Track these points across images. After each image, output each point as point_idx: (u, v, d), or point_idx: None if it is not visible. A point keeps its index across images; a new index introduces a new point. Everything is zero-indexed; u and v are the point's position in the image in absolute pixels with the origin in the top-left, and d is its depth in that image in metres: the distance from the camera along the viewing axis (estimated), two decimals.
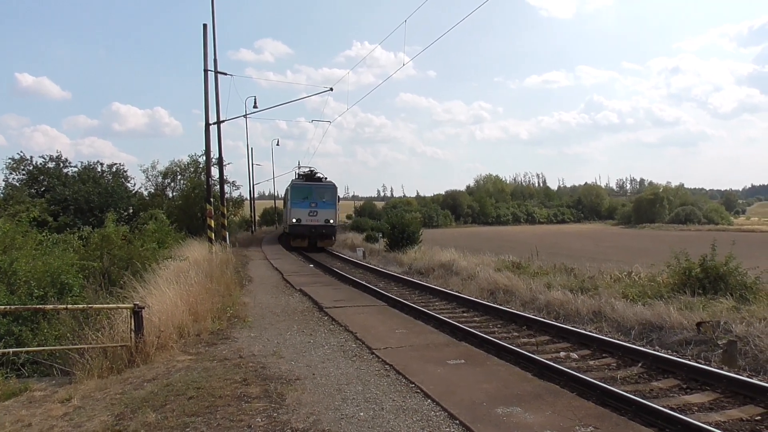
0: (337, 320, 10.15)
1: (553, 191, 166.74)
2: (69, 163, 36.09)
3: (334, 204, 34.18)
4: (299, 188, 34.22)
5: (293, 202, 33.74)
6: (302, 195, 33.68)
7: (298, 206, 33.38)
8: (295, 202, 33.59)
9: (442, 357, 7.41)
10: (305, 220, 33.22)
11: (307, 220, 33.18)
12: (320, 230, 33.46)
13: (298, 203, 33.49)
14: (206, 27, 23.22)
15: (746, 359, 8.86)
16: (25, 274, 12.46)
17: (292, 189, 34.54)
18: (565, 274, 17.74)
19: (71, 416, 6.15)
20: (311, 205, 33.22)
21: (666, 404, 6.62)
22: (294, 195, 33.89)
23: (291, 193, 34.43)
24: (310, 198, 33.42)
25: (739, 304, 11.26)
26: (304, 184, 34.57)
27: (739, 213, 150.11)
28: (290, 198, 34.39)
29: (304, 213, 33.26)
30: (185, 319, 9.42)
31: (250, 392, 6.14)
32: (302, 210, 33.28)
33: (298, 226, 33.35)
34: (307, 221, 33.18)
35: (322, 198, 33.58)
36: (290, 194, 34.56)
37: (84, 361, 8.00)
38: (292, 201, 33.94)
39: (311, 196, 33.51)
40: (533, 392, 5.90)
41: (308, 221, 33.17)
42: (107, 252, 16.82)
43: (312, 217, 33.21)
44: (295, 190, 34.21)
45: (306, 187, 34.08)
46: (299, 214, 33.31)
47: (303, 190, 34.00)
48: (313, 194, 33.54)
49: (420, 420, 5.21)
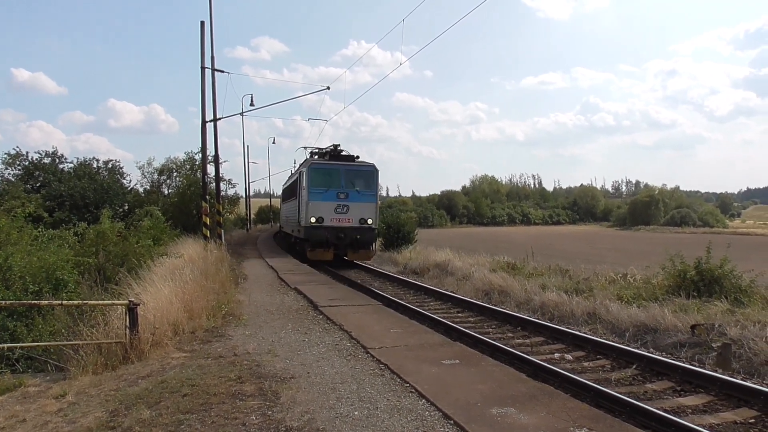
0: (332, 319, 10.15)
1: (548, 192, 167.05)
2: (65, 159, 36.12)
3: (374, 195, 23.66)
4: (321, 171, 23.21)
5: (312, 192, 22.76)
6: (326, 182, 22.94)
7: (320, 198, 22.69)
8: (315, 192, 22.74)
9: (437, 357, 7.41)
10: (330, 219, 22.64)
11: (333, 220, 22.67)
12: (353, 235, 22.67)
13: (318, 194, 22.75)
14: (204, 24, 23.17)
15: (740, 362, 8.90)
16: (20, 269, 12.42)
17: (309, 173, 23.02)
18: (560, 275, 17.78)
19: (65, 412, 6.14)
20: (339, 196, 22.72)
21: (660, 406, 6.64)
22: (312, 182, 22.81)
23: (307, 178, 22.95)
24: (339, 186, 22.86)
25: (734, 307, 11.31)
26: (329, 165, 23.48)
27: (734, 216, 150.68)
28: (306, 186, 22.97)
29: (329, 209, 22.70)
30: (180, 317, 9.40)
31: (245, 390, 6.13)
32: (325, 204, 22.66)
33: (318, 229, 22.46)
34: (334, 221, 22.66)
35: (355, 186, 22.98)
36: (305, 181, 23.09)
37: (79, 357, 7.98)
38: (309, 191, 22.79)
39: (340, 183, 22.87)
40: (528, 393, 5.91)
41: (335, 221, 22.68)
42: (102, 248, 16.77)
43: (341, 214, 22.78)
44: (314, 173, 23.02)
45: (332, 170, 23.16)
46: (320, 211, 22.64)
47: (327, 174, 23.13)
48: (343, 180, 22.87)
49: (414, 420, 5.21)
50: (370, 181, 23.53)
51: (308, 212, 22.60)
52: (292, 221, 28.25)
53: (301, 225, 23.55)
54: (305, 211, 22.80)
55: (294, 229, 26.91)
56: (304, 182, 23.25)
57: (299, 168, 26.37)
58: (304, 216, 22.88)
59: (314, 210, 22.59)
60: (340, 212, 22.67)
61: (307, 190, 22.76)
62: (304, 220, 22.89)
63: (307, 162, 24.41)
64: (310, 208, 22.59)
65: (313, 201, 22.60)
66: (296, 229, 25.75)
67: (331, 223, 22.57)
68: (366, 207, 23.03)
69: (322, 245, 22.54)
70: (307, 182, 22.82)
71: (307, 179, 22.85)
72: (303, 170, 23.82)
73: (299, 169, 25.77)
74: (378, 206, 23.78)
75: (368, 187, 23.45)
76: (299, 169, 25.77)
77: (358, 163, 23.89)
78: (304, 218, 23.01)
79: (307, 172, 23.05)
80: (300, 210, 24.05)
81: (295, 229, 26.11)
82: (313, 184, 22.74)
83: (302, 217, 23.40)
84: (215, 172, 25.79)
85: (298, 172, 25.63)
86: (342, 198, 22.68)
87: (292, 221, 27.73)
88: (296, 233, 25.92)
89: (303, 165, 25.31)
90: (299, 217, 24.22)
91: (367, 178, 23.59)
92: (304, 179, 23.27)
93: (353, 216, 22.79)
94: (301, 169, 24.39)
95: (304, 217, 22.88)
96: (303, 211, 23.26)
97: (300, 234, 24.24)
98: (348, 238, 22.65)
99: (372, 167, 23.78)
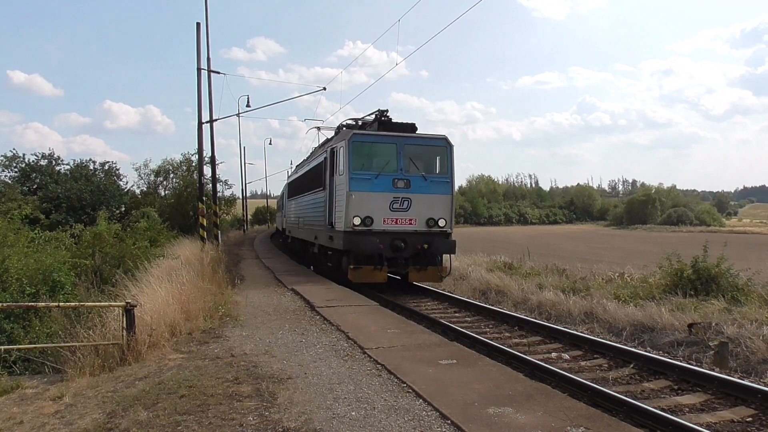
0: (329, 320, 10.14)
1: (545, 192, 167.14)
2: (61, 161, 36.19)
3: (448, 184, 15.61)
4: (369, 147, 15.58)
5: (354, 179, 14.97)
6: (375, 163, 15.38)
7: (367, 188, 14.98)
8: (360, 178, 15.02)
9: (433, 357, 7.41)
10: (383, 219, 14.99)
11: (388, 221, 15.03)
12: (418, 243, 15.06)
13: (365, 181, 15.03)
14: (199, 26, 23.14)
15: (737, 360, 8.92)
16: (17, 271, 12.44)
17: (350, 148, 15.08)
18: (556, 274, 17.82)
19: (63, 414, 6.14)
20: (397, 185, 15.06)
21: (657, 405, 6.64)
22: (355, 162, 15.12)
23: (346, 158, 15.09)
24: (395, 169, 15.12)
25: (731, 306, 11.34)
26: (381, 137, 15.62)
27: (731, 215, 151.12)
28: (344, 170, 15.14)
29: (381, 204, 14.98)
30: (177, 318, 9.39)
31: (242, 391, 6.12)
32: (376, 197, 14.97)
33: (365, 236, 14.69)
34: (388, 222, 15.03)
35: (420, 169, 15.29)
36: (343, 162, 15.28)
37: (76, 359, 7.99)
38: (351, 177, 14.93)
39: (397, 164, 15.15)
40: (525, 392, 5.91)
41: (390, 222, 15.05)
42: (99, 250, 16.79)
43: (399, 212, 15.09)
44: (358, 150, 15.24)
45: (385, 146, 15.47)
46: (368, 207, 14.92)
47: (378, 151, 15.63)
48: (402, 161, 15.19)
49: (412, 420, 5.21)
50: (442, 162, 15.71)
51: (349, 209, 14.71)
52: (309, 223, 20.64)
53: (335, 229, 15.71)
54: (343, 208, 14.90)
55: (315, 234, 19.03)
56: (340, 164, 15.39)
57: (328, 145, 18.09)
58: (343, 215, 14.92)
59: (358, 205, 14.75)
60: (398, 209, 14.97)
61: (347, 175, 14.76)
62: (342, 221, 14.92)
63: (345, 135, 15.74)
64: (353, 204, 14.71)
65: (358, 192, 14.74)
66: (320, 234, 17.98)
67: (385, 226, 14.85)
68: (437, 201, 15.31)
69: (370, 260, 14.66)
70: (347, 163, 14.82)
71: (347, 159, 14.84)
72: (338, 146, 15.69)
73: (329, 145, 17.52)
74: (454, 200, 15.79)
75: (440, 170, 15.63)
76: (329, 145, 17.52)
77: (422, 136, 15.83)
78: (341, 218, 15.07)
79: (346, 147, 14.90)
80: (332, 206, 16.31)
81: (320, 234, 18.10)
82: (356, 167, 14.90)
83: (337, 217, 15.58)
84: (212, 173, 25.80)
85: (325, 152, 17.51)
86: (401, 187, 14.97)
87: (310, 223, 20.17)
88: (321, 240, 17.93)
89: (334, 141, 17.18)
90: (329, 216, 16.50)
91: (438, 158, 15.77)
92: (340, 159, 15.42)
93: (418, 214, 15.10)
94: (334, 146, 16.24)
95: (343, 217, 14.90)
96: (338, 207, 15.50)
97: (332, 242, 16.22)
98: (410, 249, 14.95)
99: (444, 141, 15.67)
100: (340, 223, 15.14)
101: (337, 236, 15.54)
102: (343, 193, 14.94)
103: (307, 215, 21.24)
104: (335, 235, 15.74)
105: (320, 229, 17.94)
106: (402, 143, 15.21)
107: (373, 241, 14.46)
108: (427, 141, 15.77)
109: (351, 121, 18.07)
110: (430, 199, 15.25)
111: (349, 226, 14.62)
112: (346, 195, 14.76)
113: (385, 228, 14.88)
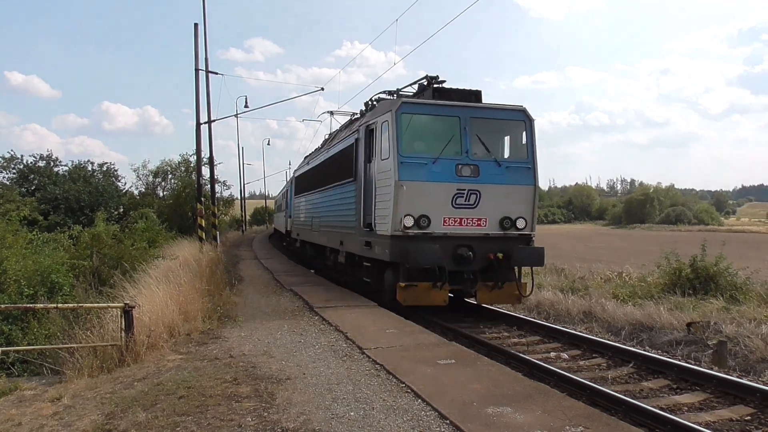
0: (327, 320, 10.14)
1: (543, 191, 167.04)
2: (59, 162, 36.20)
3: (530, 170, 11.66)
4: (420, 120, 11.54)
5: (406, 164, 10.88)
6: (430, 141, 11.46)
7: (422, 176, 10.96)
8: (412, 163, 10.94)
9: (432, 357, 7.41)
10: (443, 219, 11.04)
11: (450, 221, 11.06)
12: (489, 251, 11.23)
13: (416, 166, 10.96)
14: (197, 26, 23.12)
15: (736, 359, 8.94)
16: (15, 272, 12.43)
17: (397, 121, 10.98)
18: (555, 274, 17.83)
19: (61, 415, 6.13)
20: (461, 171, 11.07)
21: (656, 404, 6.65)
22: (406, 142, 11.11)
23: (394, 134, 10.97)
24: (458, 150, 11.21)
25: (729, 305, 11.37)
26: (439, 107, 11.49)
27: (729, 214, 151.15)
28: (391, 152, 11.04)
29: (441, 197, 11.02)
30: (175, 319, 9.39)
31: (241, 392, 6.12)
32: (432, 188, 10.99)
33: (421, 243, 10.74)
34: (450, 224, 11.07)
35: (490, 150, 11.54)
36: (389, 140, 11.13)
37: (74, 360, 7.98)
38: (400, 161, 10.85)
39: (460, 144, 11.23)
40: (523, 392, 5.91)
41: (452, 223, 11.08)
42: (97, 251, 16.78)
43: (464, 209, 11.12)
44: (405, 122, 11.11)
45: (444, 118, 11.46)
46: (423, 202, 10.93)
47: (434, 125, 11.64)
48: (467, 139, 11.22)
49: (410, 420, 5.21)
50: (519, 142, 11.91)
51: (398, 206, 10.78)
52: (328, 225, 16.50)
53: (376, 232, 11.69)
54: (389, 205, 10.95)
55: (340, 239, 14.78)
56: (383, 144, 11.44)
57: (359, 123, 13.49)
58: (388, 214, 10.98)
59: (412, 200, 10.82)
60: (463, 205, 11.07)
61: (395, 159, 10.84)
62: (387, 222, 11.01)
63: (389, 105, 11.70)
64: (404, 198, 10.79)
65: (411, 181, 10.81)
66: (349, 239, 13.77)
67: (446, 228, 11.00)
68: (515, 194, 11.42)
69: (427, 275, 10.84)
70: (395, 143, 10.91)
71: (394, 137, 10.92)
72: (379, 121, 11.70)
73: (361, 123, 13.10)
74: (537, 192, 11.75)
75: (517, 153, 11.87)
76: (361, 123, 13.10)
77: (492, 106, 11.82)
78: (386, 218, 11.13)
79: (393, 121, 10.98)
80: (368, 202, 12.21)
81: (348, 239, 13.92)
82: (407, 148, 11.01)
83: (378, 217, 11.61)
84: (210, 174, 25.74)
85: (356, 132, 13.36)
86: (467, 176, 11.06)
87: (331, 224, 16.05)
88: (350, 247, 13.74)
89: (369, 116, 12.75)
90: (364, 215, 12.41)
91: (514, 136, 11.98)
92: (382, 139, 11.45)
93: (489, 212, 11.24)
94: (372, 122, 12.13)
95: (388, 217, 10.97)
96: (381, 204, 11.52)
97: (369, 250, 12.12)
98: (479, 260, 11.16)
99: (522, 113, 11.80)
100: (383, 225, 11.16)
101: (378, 242, 11.51)
102: (390, 183, 10.92)
103: (327, 215, 16.85)
104: (376, 241, 11.63)
105: (349, 232, 13.74)
106: (467, 116, 11.25)
107: (434, 249, 10.44)
108: (500, 113, 11.74)
109: (384, 95, 13.85)
110: (506, 192, 11.31)
111: (398, 228, 10.69)
112: (394, 186, 10.71)
113: (445, 231, 10.94)
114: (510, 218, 11.30)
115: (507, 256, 11.12)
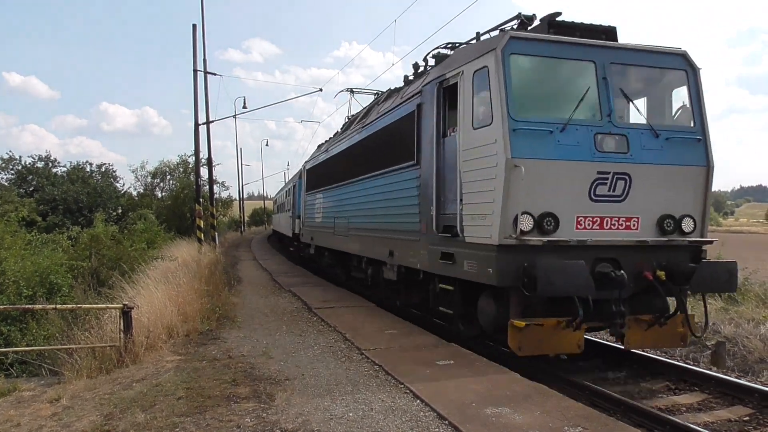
0: (326, 321, 10.14)
1: None
2: (58, 163, 36.26)
3: (700, 143, 7.58)
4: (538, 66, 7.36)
5: (516, 131, 6.67)
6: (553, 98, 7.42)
7: (539, 151, 6.76)
8: (525, 130, 6.73)
9: (431, 358, 7.41)
10: (576, 219, 6.95)
11: (586, 222, 6.97)
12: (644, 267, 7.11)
13: (534, 135, 6.77)
14: (195, 27, 23.12)
15: (735, 360, 8.94)
16: (14, 273, 12.42)
17: (502, 65, 6.81)
18: None
19: (60, 416, 6.12)
20: (601, 145, 6.98)
21: (655, 405, 6.65)
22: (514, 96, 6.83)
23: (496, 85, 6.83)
24: (596, 113, 7.11)
25: (728, 305, 11.36)
26: (565, 46, 7.22)
27: (728, 214, 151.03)
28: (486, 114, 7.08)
29: (573, 184, 6.88)
30: (174, 320, 9.38)
31: (240, 393, 6.12)
32: (560, 169, 6.84)
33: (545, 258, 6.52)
34: (587, 225, 6.98)
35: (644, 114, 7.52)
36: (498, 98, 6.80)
37: (73, 361, 7.98)
38: (511, 128, 6.65)
39: (600, 102, 7.10)
40: (522, 393, 5.91)
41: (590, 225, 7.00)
42: (96, 252, 16.78)
43: (607, 203, 7.03)
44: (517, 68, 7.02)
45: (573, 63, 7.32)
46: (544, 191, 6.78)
47: (558, 74, 7.42)
48: (609, 94, 7.11)
49: (409, 420, 5.21)
50: (681, 102, 8.00)
51: (509, 198, 6.74)
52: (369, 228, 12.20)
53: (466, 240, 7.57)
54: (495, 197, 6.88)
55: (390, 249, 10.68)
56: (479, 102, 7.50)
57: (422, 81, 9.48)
58: (494, 211, 6.89)
59: (529, 190, 6.70)
60: (605, 197, 7.11)
61: (504, 124, 6.78)
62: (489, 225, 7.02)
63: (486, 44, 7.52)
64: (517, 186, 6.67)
65: (528, 159, 6.72)
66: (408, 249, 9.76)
67: (580, 233, 7.03)
68: (680, 179, 7.51)
69: (555, 307, 6.99)
70: (503, 99, 6.84)
71: (501, 90, 6.87)
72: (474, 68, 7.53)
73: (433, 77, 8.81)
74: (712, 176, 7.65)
75: (679, 116, 7.96)
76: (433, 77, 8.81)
77: (640, 48, 7.75)
78: (486, 219, 7.09)
79: (498, 66, 6.93)
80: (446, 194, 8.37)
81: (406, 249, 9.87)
82: (520, 108, 6.93)
83: (468, 216, 7.54)
84: (208, 175, 25.72)
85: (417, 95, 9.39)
86: (611, 151, 7.12)
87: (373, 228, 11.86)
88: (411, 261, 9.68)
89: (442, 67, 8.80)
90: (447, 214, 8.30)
91: (674, 93, 8.10)
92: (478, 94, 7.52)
93: (643, 207, 7.33)
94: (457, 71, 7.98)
95: (493, 216, 6.93)
96: (473, 195, 7.44)
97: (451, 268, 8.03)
98: (630, 282, 7.06)
99: (683, 59, 7.90)
100: (481, 229, 7.24)
101: (471, 256, 7.50)
102: (492, 164, 6.97)
103: (364, 214, 12.54)
104: (466, 254, 7.61)
105: (407, 238, 9.80)
106: (607, 60, 7.39)
107: (580, 269, 6.56)
108: (653, 58, 7.81)
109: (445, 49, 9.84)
110: (668, 176, 7.42)
111: (509, 234, 6.81)
112: (504, 168, 6.72)
113: (580, 237, 7.00)
114: (673, 217, 7.45)
115: (670, 274, 7.24)
